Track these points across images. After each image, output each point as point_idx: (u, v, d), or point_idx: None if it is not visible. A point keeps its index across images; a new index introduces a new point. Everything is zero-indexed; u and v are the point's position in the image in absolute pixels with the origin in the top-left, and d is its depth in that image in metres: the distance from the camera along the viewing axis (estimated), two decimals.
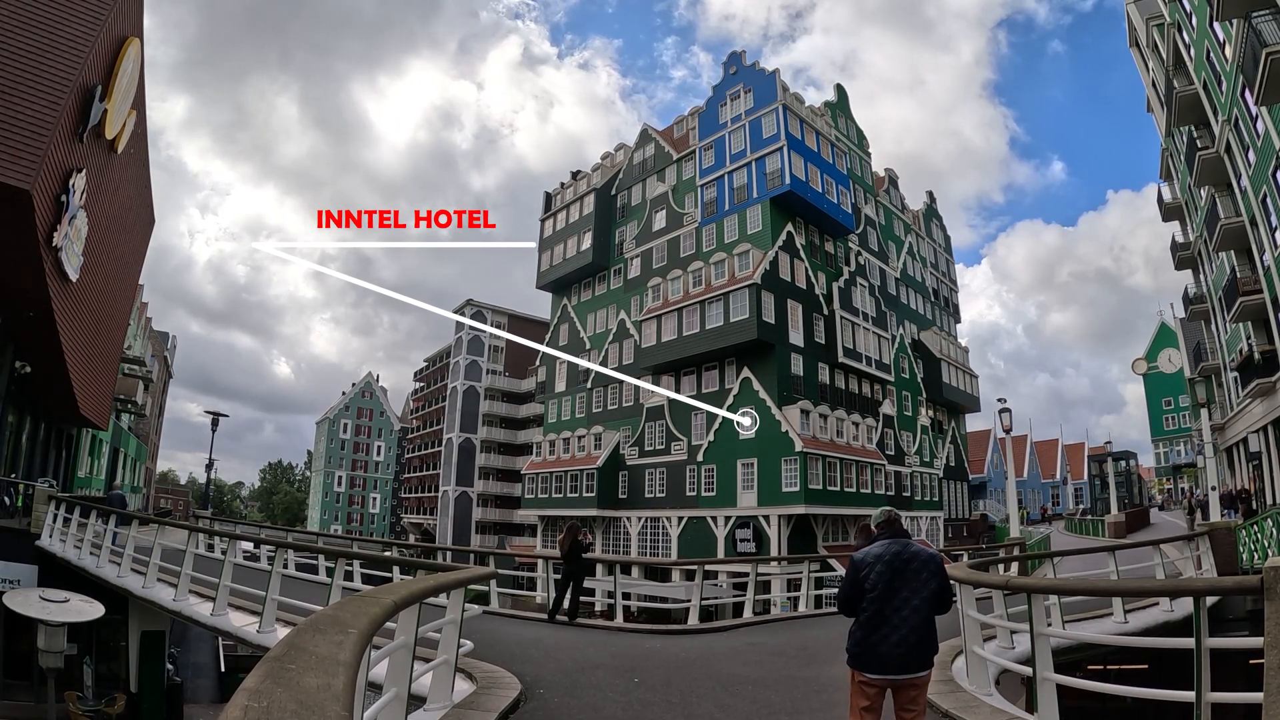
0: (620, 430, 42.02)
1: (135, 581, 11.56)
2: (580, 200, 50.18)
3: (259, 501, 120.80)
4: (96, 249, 15.85)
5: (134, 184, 19.88)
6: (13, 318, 15.33)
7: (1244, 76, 18.33)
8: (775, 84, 38.79)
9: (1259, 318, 22.10)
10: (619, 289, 45.82)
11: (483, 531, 62.91)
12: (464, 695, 6.08)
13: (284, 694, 1.65)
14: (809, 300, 37.95)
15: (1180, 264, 33.81)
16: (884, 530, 4.38)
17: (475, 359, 66.09)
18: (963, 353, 53.75)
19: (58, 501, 14.92)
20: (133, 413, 40.51)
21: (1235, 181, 22.32)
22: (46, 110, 11.37)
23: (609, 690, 6.94)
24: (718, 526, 35.09)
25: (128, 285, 23.54)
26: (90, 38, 12.25)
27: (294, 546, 15.20)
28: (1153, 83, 32.25)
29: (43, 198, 11.56)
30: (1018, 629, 6.93)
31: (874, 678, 4.04)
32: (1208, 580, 10.39)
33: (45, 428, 23.47)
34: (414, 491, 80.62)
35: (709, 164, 41.50)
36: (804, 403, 34.24)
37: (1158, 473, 72.40)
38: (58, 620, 11.49)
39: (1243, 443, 27.26)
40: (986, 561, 10.82)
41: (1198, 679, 4.10)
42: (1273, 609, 3.41)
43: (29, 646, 12.22)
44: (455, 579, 5.58)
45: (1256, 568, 13.29)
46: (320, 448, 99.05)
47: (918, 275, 51.69)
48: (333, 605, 3.50)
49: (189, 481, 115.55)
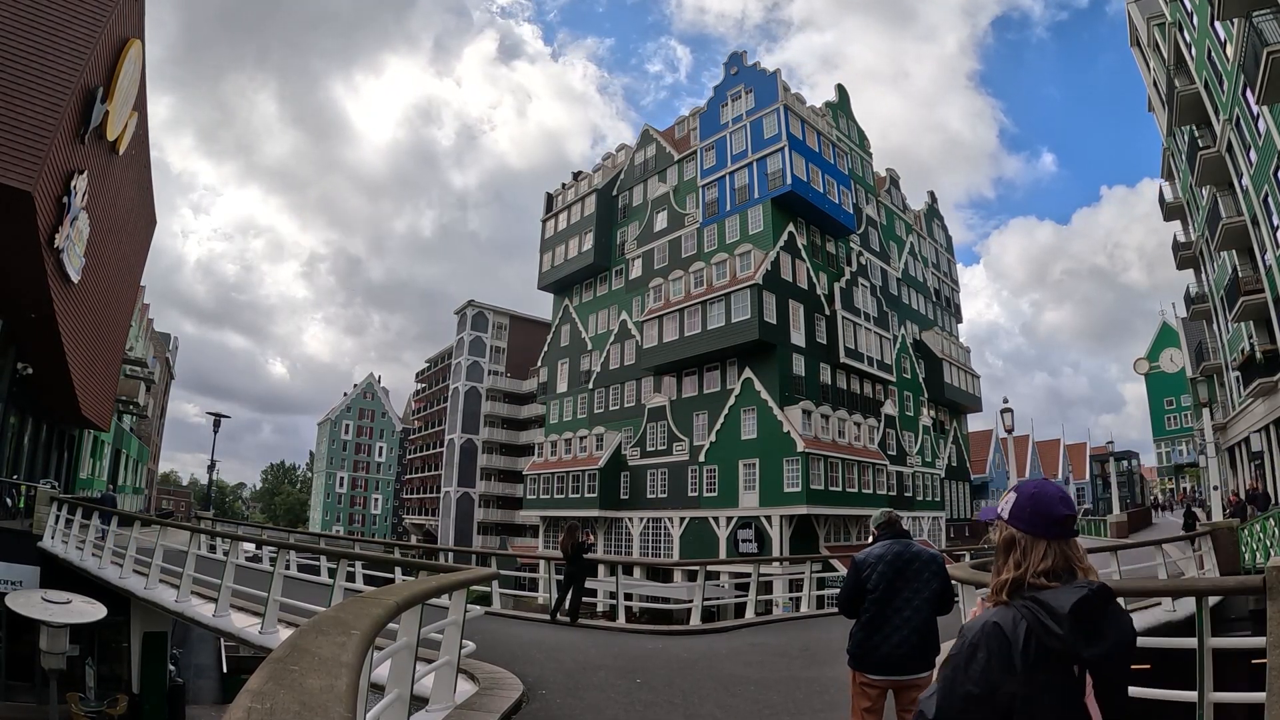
0: (622, 431, 42.03)
1: (137, 583, 11.58)
2: (581, 201, 50.21)
3: (261, 502, 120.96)
4: (98, 250, 15.88)
5: (135, 185, 19.92)
6: (15, 319, 15.37)
7: (1245, 76, 18.31)
8: (776, 84, 38.79)
9: (1261, 317, 22.07)
10: (620, 289, 45.84)
11: (484, 532, 62.93)
12: (466, 696, 6.09)
13: (287, 695, 1.65)
14: (810, 300, 37.93)
15: (1182, 263, 33.77)
16: (884, 531, 4.38)
17: (477, 360, 66.14)
18: (964, 353, 53.72)
19: (59, 503, 14.94)
20: (134, 414, 40.56)
21: (1237, 181, 22.29)
22: (48, 112, 11.39)
23: (611, 691, 6.95)
24: (719, 527, 35.08)
25: (129, 286, 23.57)
26: (92, 39, 12.27)
27: (296, 548, 15.16)
28: (1154, 82, 32.22)
29: (44, 199, 11.58)
30: None
31: (875, 679, 4.03)
32: (1210, 580, 10.40)
33: (47, 429, 23.50)
34: (415, 492, 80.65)
35: (710, 164, 41.50)
36: (806, 403, 34.23)
37: (1160, 473, 72.31)
38: (60, 621, 11.51)
39: (1244, 442, 27.23)
40: (988, 562, 10.80)
41: (1200, 679, 4.10)
42: (1275, 609, 3.41)
43: (31, 648, 12.24)
44: (457, 580, 5.58)
45: (1259, 568, 13.28)
46: (322, 448, 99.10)
47: (919, 275, 51.67)
48: (335, 606, 3.51)
49: (190, 483, 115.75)
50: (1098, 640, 1.53)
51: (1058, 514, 1.69)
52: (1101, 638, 1.54)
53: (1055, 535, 1.68)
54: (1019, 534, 1.71)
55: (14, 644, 13.69)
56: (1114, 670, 1.56)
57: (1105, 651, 1.53)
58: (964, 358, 53.19)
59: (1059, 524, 1.68)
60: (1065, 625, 1.51)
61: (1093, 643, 1.52)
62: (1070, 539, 1.69)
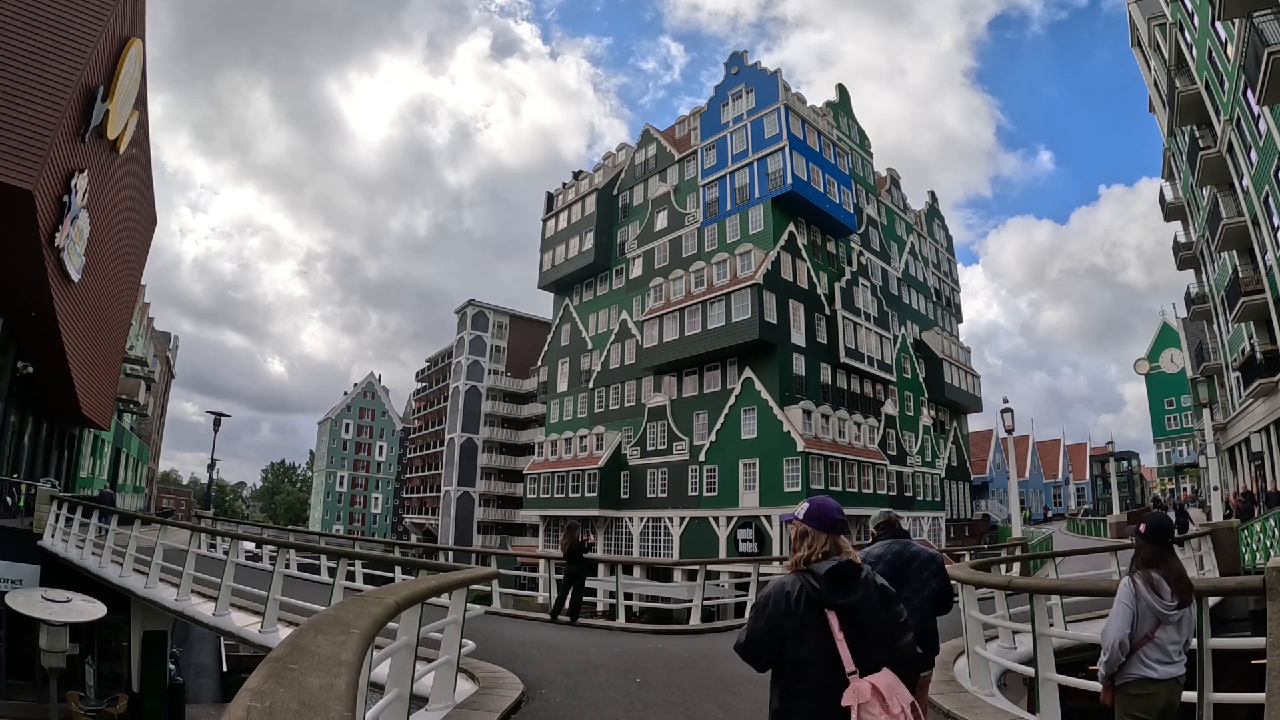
0: (622, 430, 42.03)
1: (137, 582, 11.57)
2: (582, 200, 50.22)
3: (261, 501, 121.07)
4: (99, 249, 15.88)
5: (136, 184, 19.92)
6: (15, 318, 15.38)
7: (1246, 76, 18.31)
8: (777, 84, 38.78)
9: (1261, 318, 22.07)
10: (621, 289, 45.84)
11: (485, 531, 62.94)
12: (466, 695, 6.09)
13: (287, 694, 1.65)
14: (811, 300, 37.93)
15: (1182, 264, 33.76)
16: (884, 531, 4.38)
17: (477, 359, 66.15)
18: (964, 353, 53.72)
19: (60, 502, 14.95)
20: (135, 413, 40.59)
21: (1237, 181, 22.28)
22: (49, 111, 11.40)
23: (611, 690, 6.94)
24: (720, 527, 35.08)
25: (130, 285, 23.57)
26: (92, 38, 12.27)
27: (296, 546, 15.17)
28: (1154, 82, 32.21)
29: (45, 198, 11.59)
30: (1020, 629, 6.92)
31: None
32: (1210, 580, 10.38)
33: (47, 428, 23.51)
34: (416, 491, 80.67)
35: (711, 164, 41.50)
36: (806, 403, 34.23)
37: (1160, 473, 72.28)
38: (60, 620, 11.51)
39: (1245, 443, 27.22)
40: (988, 562, 10.79)
41: (1200, 679, 4.09)
42: (1275, 609, 3.41)
43: (31, 647, 12.24)
44: (457, 579, 5.58)
45: (1259, 568, 13.28)
46: (322, 447, 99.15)
47: (919, 275, 51.66)
48: (335, 605, 3.51)
49: (191, 481, 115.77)
50: (846, 594, 2.42)
51: (835, 518, 2.55)
52: (850, 592, 2.42)
53: (832, 531, 2.52)
54: (810, 529, 2.54)
55: (14, 643, 13.69)
56: (865, 613, 2.43)
57: (850, 602, 2.41)
58: (964, 358, 53.19)
59: (836, 524, 2.54)
60: (823, 583, 2.41)
61: (841, 595, 2.41)
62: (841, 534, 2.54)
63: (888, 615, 2.49)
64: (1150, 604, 3.66)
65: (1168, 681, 3.65)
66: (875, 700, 2.28)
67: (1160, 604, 3.67)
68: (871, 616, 2.45)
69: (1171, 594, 3.70)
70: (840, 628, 2.38)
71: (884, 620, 2.47)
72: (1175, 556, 3.91)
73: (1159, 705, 3.65)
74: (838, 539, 2.52)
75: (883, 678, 2.35)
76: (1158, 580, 3.72)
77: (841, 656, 2.34)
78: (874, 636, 2.42)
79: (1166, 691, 3.66)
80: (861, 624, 2.41)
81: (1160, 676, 3.64)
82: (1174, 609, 3.67)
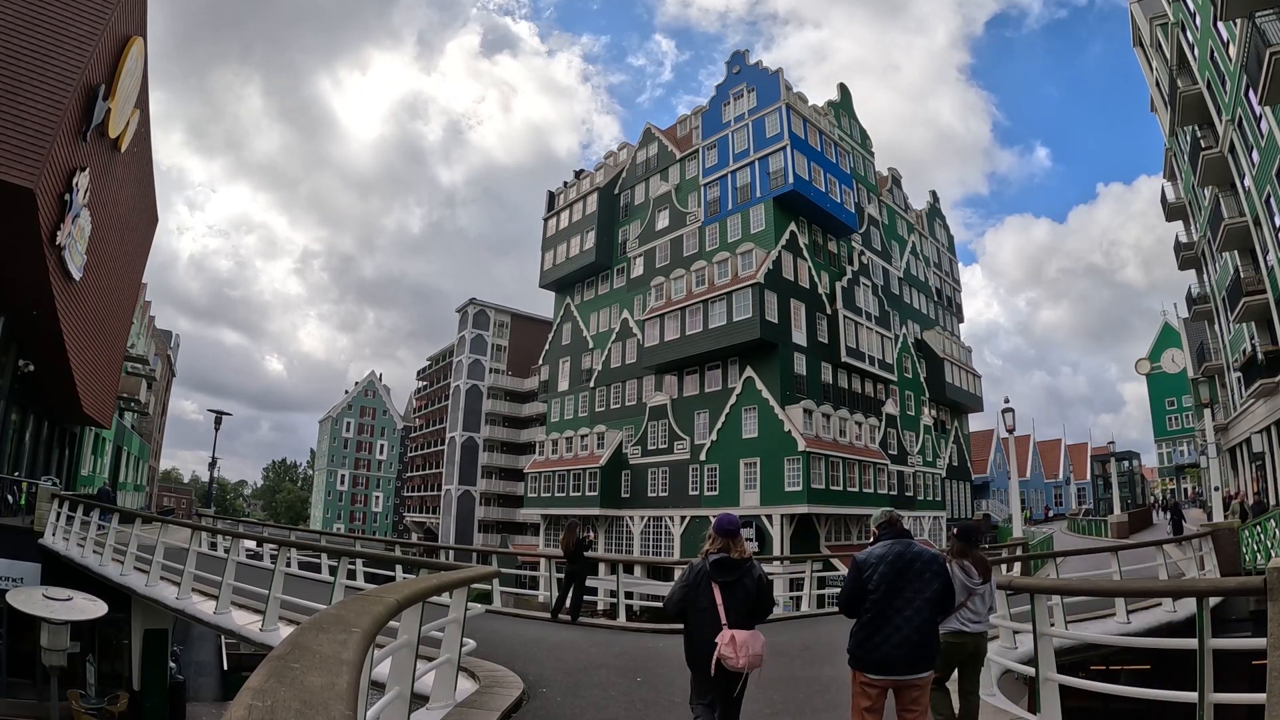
0: (623, 430, 42.03)
1: (138, 580, 11.59)
2: (583, 199, 50.20)
3: (262, 500, 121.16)
4: (100, 248, 15.89)
5: (137, 183, 19.94)
6: (16, 316, 15.38)
7: (1247, 76, 18.27)
8: (778, 84, 38.75)
9: (1262, 318, 22.04)
10: (622, 288, 45.82)
11: (485, 530, 62.96)
12: (467, 694, 6.10)
13: (288, 693, 1.65)
14: (812, 300, 37.91)
15: (1184, 264, 33.71)
16: (885, 531, 4.38)
17: (478, 358, 66.15)
18: (965, 352, 53.68)
19: (60, 500, 14.96)
20: (135, 411, 40.60)
21: (1239, 181, 22.25)
22: (50, 109, 11.40)
23: (612, 689, 6.95)
24: None
25: (131, 284, 23.59)
26: (94, 37, 12.28)
27: (297, 545, 15.15)
28: (1156, 82, 32.16)
29: (46, 197, 11.60)
30: (1020, 629, 6.92)
31: (876, 678, 4.03)
32: (1211, 581, 10.38)
33: (48, 426, 23.52)
34: (417, 490, 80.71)
35: (712, 163, 41.47)
36: (807, 402, 34.22)
37: (1161, 473, 72.23)
38: (61, 618, 11.52)
39: (1246, 443, 27.19)
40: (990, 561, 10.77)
41: (1200, 680, 4.09)
42: (1275, 610, 3.40)
43: (32, 645, 12.25)
44: (458, 578, 5.58)
45: (1260, 569, 13.28)
46: (323, 446, 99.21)
47: (920, 275, 51.61)
48: (336, 604, 3.51)
49: (191, 480, 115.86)
50: (724, 576, 3.98)
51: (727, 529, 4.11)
52: (727, 575, 3.98)
53: (725, 536, 4.09)
54: (714, 534, 4.13)
55: (15, 641, 13.71)
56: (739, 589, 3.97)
57: (728, 580, 3.97)
58: (965, 357, 53.15)
59: (728, 532, 4.10)
60: (709, 566, 4.01)
61: (721, 576, 3.98)
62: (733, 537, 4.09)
63: (757, 593, 4.01)
64: (963, 581, 5.12)
65: (975, 635, 5.18)
66: (731, 645, 3.76)
67: (970, 581, 5.19)
68: (743, 592, 3.96)
69: (977, 575, 5.25)
70: (720, 596, 3.92)
71: (753, 595, 3.99)
72: (979, 550, 5.57)
73: (969, 649, 5.17)
74: (729, 540, 4.06)
75: (743, 633, 3.81)
76: (968, 566, 5.26)
77: (719, 612, 3.88)
78: (741, 604, 3.93)
79: (974, 642, 5.19)
80: (735, 595, 3.94)
81: (971, 631, 5.15)
82: (979, 584, 5.22)
